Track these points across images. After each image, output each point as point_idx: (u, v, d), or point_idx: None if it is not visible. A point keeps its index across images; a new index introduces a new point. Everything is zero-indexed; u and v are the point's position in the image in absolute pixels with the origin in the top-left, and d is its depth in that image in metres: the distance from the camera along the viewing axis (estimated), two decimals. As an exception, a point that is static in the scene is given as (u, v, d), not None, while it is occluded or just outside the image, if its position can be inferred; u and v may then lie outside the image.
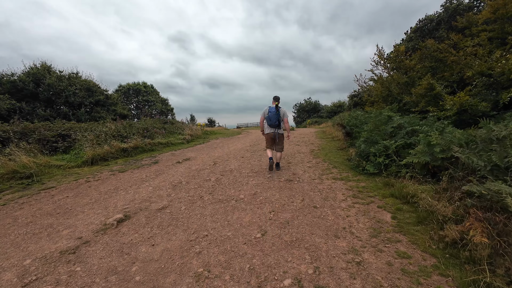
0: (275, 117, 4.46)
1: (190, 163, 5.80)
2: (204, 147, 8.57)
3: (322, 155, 6.35)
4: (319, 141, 9.61)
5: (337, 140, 9.13)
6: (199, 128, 16.20)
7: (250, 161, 5.87)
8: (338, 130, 11.06)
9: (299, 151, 7.22)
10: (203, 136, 12.81)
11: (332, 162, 5.49)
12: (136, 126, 8.96)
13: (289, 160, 5.88)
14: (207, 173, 4.83)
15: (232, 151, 7.51)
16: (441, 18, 13.82)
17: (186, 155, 6.83)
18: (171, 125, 12.97)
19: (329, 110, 37.38)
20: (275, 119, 4.47)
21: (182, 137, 10.15)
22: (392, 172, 3.87)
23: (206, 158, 6.44)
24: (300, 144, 8.89)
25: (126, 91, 40.05)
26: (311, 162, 5.58)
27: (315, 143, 8.90)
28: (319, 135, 12.20)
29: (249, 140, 10.81)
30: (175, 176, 4.64)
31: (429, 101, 9.45)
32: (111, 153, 6.12)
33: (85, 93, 17.37)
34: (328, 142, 8.91)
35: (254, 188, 3.77)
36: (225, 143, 9.97)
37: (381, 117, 5.44)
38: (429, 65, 10.95)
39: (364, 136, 4.94)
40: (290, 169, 4.90)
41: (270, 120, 4.50)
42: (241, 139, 11.48)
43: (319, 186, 3.78)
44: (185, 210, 3.05)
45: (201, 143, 9.73)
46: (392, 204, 2.98)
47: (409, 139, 4.21)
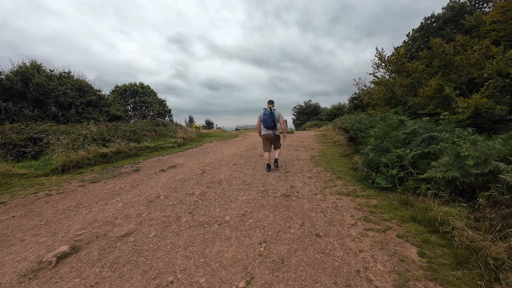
0: (270, 119, 4.78)
1: (175, 171, 5.15)
2: (196, 152, 7.92)
3: (323, 163, 5.72)
4: (320, 145, 8.99)
5: (339, 145, 8.51)
6: (194, 130, 15.57)
7: (243, 169, 5.23)
8: (340, 134, 10.46)
9: (298, 157, 6.59)
10: (197, 139, 12.17)
11: (336, 171, 4.86)
12: (123, 128, 8.32)
13: (287, 168, 5.25)
14: (192, 184, 4.18)
15: (225, 157, 6.87)
16: (446, 17, 13.32)
17: (174, 162, 6.18)
18: (163, 127, 12.33)
19: (329, 112, 36.90)
20: (270, 121, 4.79)
21: (174, 140, 9.51)
22: (408, 188, 3.24)
23: (195, 165, 5.79)
24: (299, 149, 8.26)
25: (122, 92, 39.42)
26: (311, 171, 4.95)
27: (315, 148, 8.28)
28: (320, 139, 11.59)
29: (245, 144, 10.17)
30: (154, 188, 3.99)
31: (438, 103, 8.87)
32: (88, 159, 5.46)
33: (76, 93, 16.73)
34: (329, 147, 8.29)
35: (244, 207, 3.12)
36: (219, 147, 9.34)
37: (391, 121, 4.82)
38: (437, 64, 10.40)
39: (372, 143, 4.32)
40: (287, 180, 4.26)
41: (266, 122, 4.82)
42: (236, 143, 10.84)
43: (322, 204, 3.14)
44: (153, 238, 2.40)
45: (193, 147, 9.08)
46: (415, 232, 2.35)
47: (426, 147, 3.59)
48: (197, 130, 15.96)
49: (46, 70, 16.81)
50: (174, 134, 10.86)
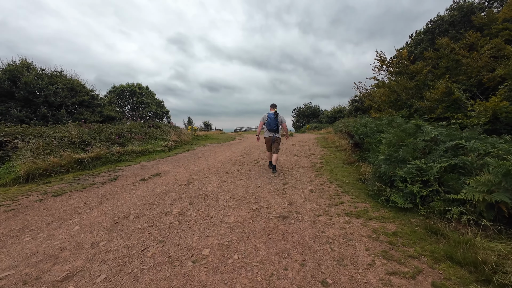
0: (274, 122, 4.97)
1: (157, 181, 4.51)
2: (186, 157, 7.28)
3: (326, 172, 5.09)
4: (321, 150, 8.36)
5: (342, 150, 7.88)
6: (189, 132, 14.94)
7: (235, 179, 4.59)
8: (342, 138, 9.84)
9: (297, 164, 5.96)
10: (191, 142, 11.53)
11: (341, 183, 4.22)
12: (108, 130, 7.67)
13: (286, 178, 4.61)
14: (172, 199, 3.54)
15: (217, 163, 6.23)
16: (453, 18, 12.80)
17: (158, 169, 5.54)
18: (156, 129, 11.70)
19: (329, 115, 36.37)
20: (274, 124, 4.98)
21: (165, 143, 8.87)
22: (435, 210, 2.61)
23: (182, 173, 5.15)
24: (299, 154, 7.63)
25: (120, 92, 38.82)
26: (313, 182, 4.31)
27: (316, 153, 7.65)
28: (320, 143, 10.96)
29: (242, 148, 9.54)
30: (126, 204, 3.35)
31: (447, 106, 8.27)
32: (60, 166, 4.82)
33: (68, 93, 16.12)
34: (331, 153, 7.66)
35: (230, 233, 2.48)
36: (213, 151, 8.70)
37: (406, 126, 4.20)
38: (444, 65, 9.82)
39: (384, 151, 3.69)
40: (285, 195, 3.62)
41: (270, 125, 5.00)
42: (232, 146, 10.20)
43: (328, 231, 2.50)
44: (101, 285, 1.76)
45: (185, 151, 8.44)
46: (458, 281, 1.71)
47: (453, 158, 2.97)
48: (193, 132, 15.33)
49: (36, 68, 16.24)
50: (167, 136, 10.22)
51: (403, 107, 10.91)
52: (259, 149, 8.99)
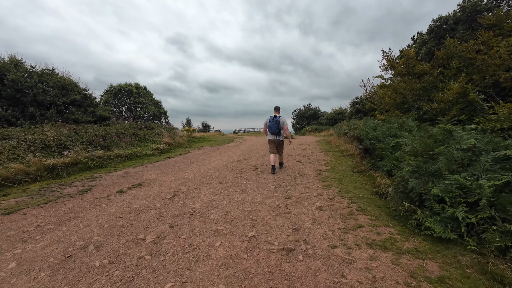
0: (275, 126, 5.07)
1: (137, 193, 3.84)
2: (177, 162, 6.61)
3: (334, 182, 4.43)
4: (325, 155, 7.71)
5: (349, 155, 7.23)
6: (185, 134, 14.27)
7: (229, 191, 3.92)
8: (347, 141, 9.20)
9: (301, 172, 5.30)
10: (186, 145, 10.86)
11: (354, 197, 3.57)
12: (92, 132, 6.99)
13: (288, 190, 3.95)
14: (150, 219, 2.87)
15: (210, 170, 5.56)
16: (458, 17, 12.26)
17: (143, 177, 4.86)
18: (148, 130, 11.02)
19: (329, 117, 35.84)
20: (275, 127, 5.08)
21: (156, 146, 8.19)
22: (491, 245, 1.96)
23: (169, 182, 4.48)
24: (301, 159, 6.97)
25: (117, 92, 38.08)
26: (321, 196, 3.65)
27: (320, 159, 7.00)
28: (323, 147, 10.32)
29: (240, 152, 8.88)
30: (91, 226, 2.68)
31: (462, 109, 7.65)
32: (27, 174, 4.14)
33: (58, 92, 15.44)
34: (337, 158, 7.01)
35: (216, 278, 1.82)
36: (208, 155, 8.03)
37: (433, 131, 3.56)
38: (456, 65, 9.23)
39: (410, 162, 3.04)
40: (289, 214, 2.96)
41: (271, 128, 5.11)
42: (229, 150, 9.53)
43: (349, 275, 1.84)
44: None
45: (177, 155, 7.76)
46: None
47: (504, 173, 2.33)
48: (189, 134, 14.67)
49: (26, 66, 15.55)
50: (159, 138, 9.55)
51: (410, 110, 10.31)
52: (258, 153, 8.34)
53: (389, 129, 5.76)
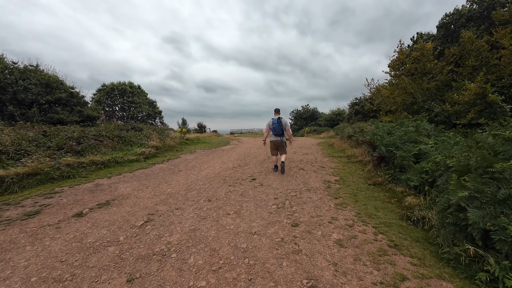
0: (279, 127, 5.21)
1: (100, 217, 2.97)
2: (163, 170, 5.74)
3: (349, 199, 3.63)
4: (330, 161, 6.91)
5: (357, 162, 6.44)
6: (178, 135, 13.38)
7: (219, 213, 3.09)
8: (353, 145, 8.43)
9: (306, 183, 4.49)
10: (177, 148, 9.97)
11: (379, 223, 2.76)
12: (65, 134, 6.08)
13: (294, 212, 3.12)
14: (101, 265, 2.02)
15: (200, 181, 4.72)
16: (472, 13, 11.62)
17: (116, 191, 3.99)
18: (136, 132, 10.11)
19: (328, 118, 35.21)
20: (279, 129, 5.22)
21: (141, 150, 7.31)
22: None
23: (145, 200, 3.62)
24: (305, 167, 6.16)
25: (109, 91, 36.88)
26: (336, 221, 2.83)
27: (326, 166, 6.20)
28: (326, 150, 9.53)
29: (235, 156, 8.03)
30: (10, 280, 1.82)
31: (480, 111, 6.93)
32: (-38, 190, 3.25)
33: (42, 89, 14.41)
34: (344, 166, 6.22)
35: None
36: (200, 161, 7.16)
37: (490, 141, 2.77)
38: (472, 64, 8.53)
39: (465, 184, 2.24)
40: (300, 255, 2.14)
41: (275, 130, 5.24)
42: (224, 154, 8.68)
43: None
44: None
45: (164, 161, 6.88)
46: None
47: None
48: (182, 135, 13.77)
49: (7, 61, 14.49)
50: (147, 141, 8.65)
51: (419, 111, 9.59)
52: (255, 158, 7.51)
53: (407, 134, 4.99)
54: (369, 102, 25.02)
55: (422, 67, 10.43)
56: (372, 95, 15.87)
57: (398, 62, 11.50)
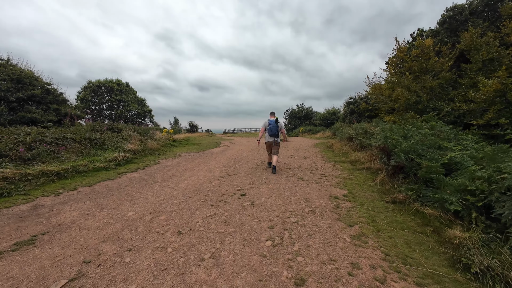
0: (275, 128, 5.48)
1: (7, 268, 1.97)
2: (133, 182, 4.72)
3: (368, 228, 2.72)
4: (333, 168, 6.04)
5: (364, 169, 5.58)
6: (163, 136, 12.29)
7: (189, 256, 2.12)
8: (355, 148, 7.59)
9: (309, 201, 3.57)
10: (160, 151, 8.91)
11: (423, 275, 1.87)
12: (12, 138, 4.97)
13: (297, 256, 2.19)
14: None
15: (175, 197, 3.74)
16: (473, 6, 10.99)
17: (56, 218, 2.96)
18: (114, 133, 9.00)
19: (322, 117, 34.61)
20: (275, 130, 5.48)
21: (113, 155, 6.24)
22: None
23: (90, 232, 2.62)
24: (304, 176, 5.26)
25: (96, 88, 35.10)
26: (358, 272, 1.92)
27: (328, 174, 5.32)
28: (326, 153, 8.68)
29: (224, 161, 7.06)
30: None
31: (499, 110, 6.18)
32: None
33: (12, 85, 13.03)
34: (350, 173, 5.35)
35: None
36: (182, 168, 6.16)
37: None
38: (483, 58, 7.81)
39: None
40: None
41: (271, 131, 5.47)
42: (212, 158, 7.69)
43: None
44: None
45: (139, 169, 5.84)
46: None
47: None
48: (169, 136, 12.68)
49: (-28, 55, 13.02)
50: (123, 144, 7.57)
51: (425, 110, 8.86)
52: (247, 164, 6.56)
53: (427, 137, 4.14)
54: (365, 101, 24.49)
55: (422, 64, 9.72)
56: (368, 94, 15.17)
57: (398, 59, 10.77)
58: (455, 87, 9.21)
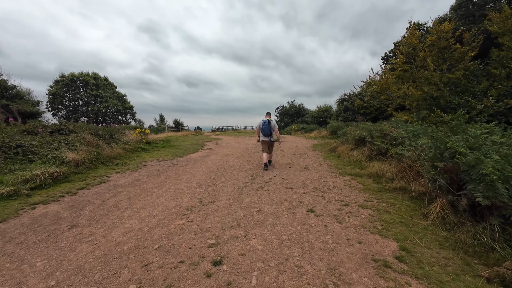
0: (268, 128, 5.79)
1: None
2: (34, 227, 2.83)
3: None
4: (350, 187, 4.38)
5: (397, 189, 3.94)
6: (133, 138, 10.25)
7: None
8: (369, 154, 6.00)
9: (337, 278, 1.88)
10: (121, 158, 6.94)
11: None
12: None
13: None
14: None
15: (88, 271, 1.93)
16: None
17: None
18: (61, 136, 6.93)
19: (315, 115, 33.34)
20: (268, 130, 5.80)
21: (33, 173, 4.26)
22: None
23: None
24: (313, 202, 3.55)
25: (69, 82, 31.82)
26: None
27: (349, 200, 3.65)
28: (331, 160, 7.05)
29: (203, 173, 5.24)
30: None
31: None
32: None
33: None
34: (379, 198, 3.69)
35: None
36: (138, 189, 4.28)
37: None
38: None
39: None
40: None
41: (264, 131, 5.81)
42: (188, 169, 5.84)
43: None
44: None
45: (68, 193, 3.92)
46: None
47: None
48: (141, 138, 10.64)
49: None
50: (64, 153, 5.56)
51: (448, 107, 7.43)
52: (232, 181, 4.79)
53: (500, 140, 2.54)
54: (359, 98, 23.23)
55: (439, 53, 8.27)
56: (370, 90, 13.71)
57: (408, 48, 9.25)
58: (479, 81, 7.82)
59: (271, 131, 5.80)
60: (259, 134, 6.08)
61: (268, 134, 5.78)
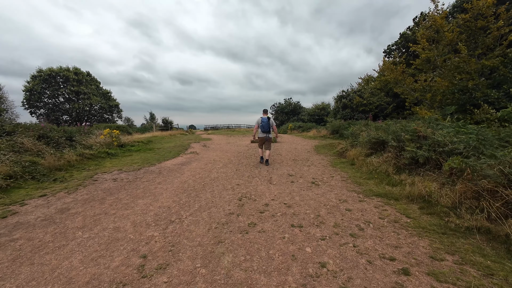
0: (267, 125, 6.06)
1: None
2: None
3: None
4: (388, 222, 2.86)
5: (475, 230, 2.45)
6: (101, 140, 8.49)
7: None
8: (396, 164, 4.50)
9: None
10: (73, 167, 5.23)
11: None
12: None
13: None
14: None
15: None
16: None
17: None
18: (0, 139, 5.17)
19: (311, 113, 31.98)
20: (267, 127, 6.06)
21: None
22: None
23: None
24: (342, 263, 2.00)
25: (47, 78, 29.31)
26: None
27: (396, 252, 2.13)
28: (344, 170, 5.54)
29: (170, 196, 3.63)
30: None
31: None
32: None
33: None
34: (452, 252, 2.19)
35: None
36: (61, 229, 2.66)
37: None
38: None
39: None
40: None
41: (264, 127, 6.07)
42: (152, 189, 4.20)
43: None
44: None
45: None
46: None
47: None
48: (112, 140, 8.88)
49: None
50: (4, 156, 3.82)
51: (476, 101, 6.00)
52: (209, 209, 3.19)
53: None
54: (358, 95, 21.87)
55: (472, 36, 6.85)
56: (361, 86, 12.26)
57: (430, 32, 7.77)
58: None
59: (269, 128, 6.11)
60: (255, 132, 6.45)
61: (267, 130, 6.08)
